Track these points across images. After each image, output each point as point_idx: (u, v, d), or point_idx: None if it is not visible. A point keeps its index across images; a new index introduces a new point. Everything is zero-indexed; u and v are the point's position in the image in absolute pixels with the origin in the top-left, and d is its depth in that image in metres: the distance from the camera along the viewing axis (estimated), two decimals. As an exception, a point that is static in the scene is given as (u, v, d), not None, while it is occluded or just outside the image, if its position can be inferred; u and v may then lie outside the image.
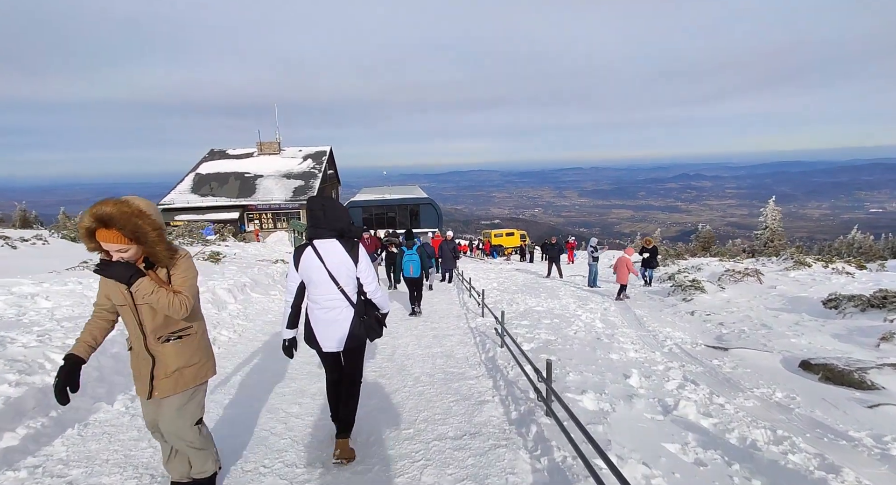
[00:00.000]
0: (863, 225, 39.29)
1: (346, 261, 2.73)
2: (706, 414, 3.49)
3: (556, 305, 8.86)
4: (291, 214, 34.11)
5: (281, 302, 8.37)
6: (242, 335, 5.82)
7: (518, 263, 24.25)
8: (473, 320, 7.02)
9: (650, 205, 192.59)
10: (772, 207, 31.40)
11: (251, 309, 7.33)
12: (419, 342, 5.79)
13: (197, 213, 32.11)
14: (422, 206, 35.74)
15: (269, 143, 40.16)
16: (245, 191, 34.09)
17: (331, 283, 2.72)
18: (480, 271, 17.40)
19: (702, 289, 9.86)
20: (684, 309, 8.91)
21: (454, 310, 8.17)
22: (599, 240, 14.20)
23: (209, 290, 7.25)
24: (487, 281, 14.33)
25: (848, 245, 33.79)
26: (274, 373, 4.51)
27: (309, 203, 2.76)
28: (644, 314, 8.73)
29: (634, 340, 6.28)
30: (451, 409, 3.56)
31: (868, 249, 32.53)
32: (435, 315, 7.70)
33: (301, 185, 35.05)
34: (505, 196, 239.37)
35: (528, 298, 9.86)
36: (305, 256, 2.73)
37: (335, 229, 2.74)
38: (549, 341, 5.50)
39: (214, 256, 10.63)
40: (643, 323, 7.85)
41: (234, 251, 15.21)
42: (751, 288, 10.12)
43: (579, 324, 6.88)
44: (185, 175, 35.86)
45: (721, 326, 7.34)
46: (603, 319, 7.84)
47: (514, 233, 37.05)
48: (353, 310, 2.78)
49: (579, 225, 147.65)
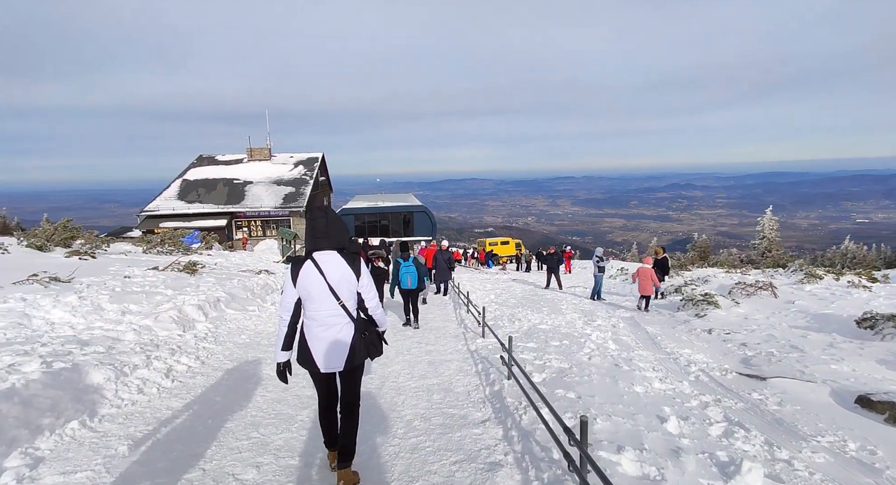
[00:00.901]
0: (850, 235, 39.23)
1: (347, 274, 2.61)
2: (776, 479, 2.76)
3: (561, 322, 8.13)
4: (281, 222, 33.24)
5: (259, 319, 7.62)
6: (206, 362, 5.00)
7: (514, 273, 23.56)
8: (473, 342, 6.27)
9: (642, 214, 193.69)
10: (769, 217, 31.10)
11: (223, 328, 6.50)
12: (412, 370, 5.02)
13: (183, 220, 31.09)
14: (415, 213, 34.98)
15: (259, 149, 39.33)
16: (233, 197, 33.16)
17: (331, 298, 2.58)
18: (476, 282, 16.66)
19: (715, 304, 9.20)
20: (699, 326, 8.23)
21: (451, 328, 7.41)
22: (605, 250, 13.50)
23: (175, 307, 6.42)
24: (484, 293, 13.60)
25: (842, 255, 33.63)
26: (233, 415, 3.71)
27: (311, 213, 2.61)
28: (657, 332, 8.03)
29: (655, 366, 5.56)
30: (454, 477, 2.79)
31: (862, 260, 32.37)
32: (430, 334, 6.94)
33: (292, 192, 34.21)
34: (498, 204, 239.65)
35: (529, 314, 9.12)
36: (305, 270, 2.56)
37: (337, 242, 2.62)
38: (563, 371, 4.76)
39: (190, 267, 9.78)
40: (658, 343, 7.14)
41: (217, 261, 14.34)
42: (766, 303, 9.49)
43: (591, 346, 6.15)
44: (172, 181, 34.88)
45: (745, 348, 6.65)
46: (615, 338, 7.12)
47: (508, 241, 36.43)
48: (354, 326, 2.64)
49: (572, 233, 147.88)
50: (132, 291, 7.36)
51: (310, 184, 34.55)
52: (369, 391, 4.25)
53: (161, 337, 5.37)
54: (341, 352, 2.60)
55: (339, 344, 2.59)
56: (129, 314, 6.00)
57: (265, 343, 6.05)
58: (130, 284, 7.80)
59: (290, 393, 4.17)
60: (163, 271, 9.72)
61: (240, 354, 5.46)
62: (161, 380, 4.14)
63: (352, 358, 2.62)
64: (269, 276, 11.52)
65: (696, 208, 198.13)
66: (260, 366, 4.97)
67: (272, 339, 6.31)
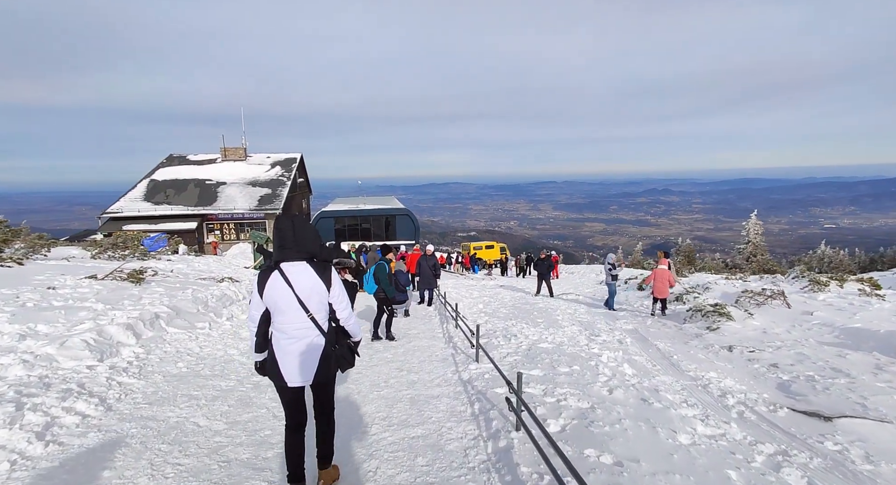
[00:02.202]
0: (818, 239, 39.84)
1: (317, 286, 2.51)
2: None
3: (563, 338, 7.12)
4: (257, 225, 31.56)
5: (208, 340, 6.28)
6: (114, 408, 3.72)
7: (501, 279, 22.60)
8: (465, 368, 5.19)
9: (621, 218, 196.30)
10: (754, 222, 31.05)
11: (157, 353, 5.25)
12: (390, 412, 3.91)
13: (149, 222, 29.20)
14: (398, 217, 33.70)
15: (233, 148, 37.52)
16: (205, 199, 31.35)
17: (300, 310, 2.48)
18: (462, 289, 15.61)
19: (728, 315, 8.36)
20: (715, 342, 7.34)
21: (437, 348, 6.31)
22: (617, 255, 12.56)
23: (97, 327, 5.15)
24: (471, 301, 12.56)
25: (819, 259, 33.97)
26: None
27: (277, 222, 2.50)
28: (670, 349, 7.10)
29: (686, 398, 4.59)
30: None
31: (839, 264, 32.72)
32: (413, 356, 5.82)
33: (268, 193, 32.61)
34: (481, 208, 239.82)
35: (525, 327, 8.10)
36: (272, 282, 2.47)
37: (306, 251, 2.51)
38: (584, 414, 3.72)
39: (136, 275, 8.42)
40: (677, 364, 6.20)
41: (177, 267, 12.89)
42: (781, 314, 8.70)
43: (605, 371, 5.15)
44: (139, 181, 32.86)
45: (776, 370, 5.77)
46: (628, 359, 6.14)
47: (493, 245, 35.52)
48: (325, 339, 2.55)
49: (554, 238, 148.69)
50: (50, 306, 6.03)
51: (287, 185, 33.01)
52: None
53: (62, 371, 4.11)
54: (310, 366, 2.50)
55: (307, 357, 2.50)
56: (31, 339, 4.71)
57: (207, 373, 4.84)
58: (52, 298, 6.46)
59: (220, 456, 3.02)
60: (102, 280, 8.35)
61: (167, 391, 4.23)
62: (26, 445, 2.88)
63: (321, 372, 2.53)
64: (232, 284, 10.22)
65: (674, 213, 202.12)
66: (194, 409, 3.78)
67: (219, 367, 5.10)
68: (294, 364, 2.46)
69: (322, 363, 2.51)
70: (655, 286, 10.18)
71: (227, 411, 3.76)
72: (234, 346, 5.94)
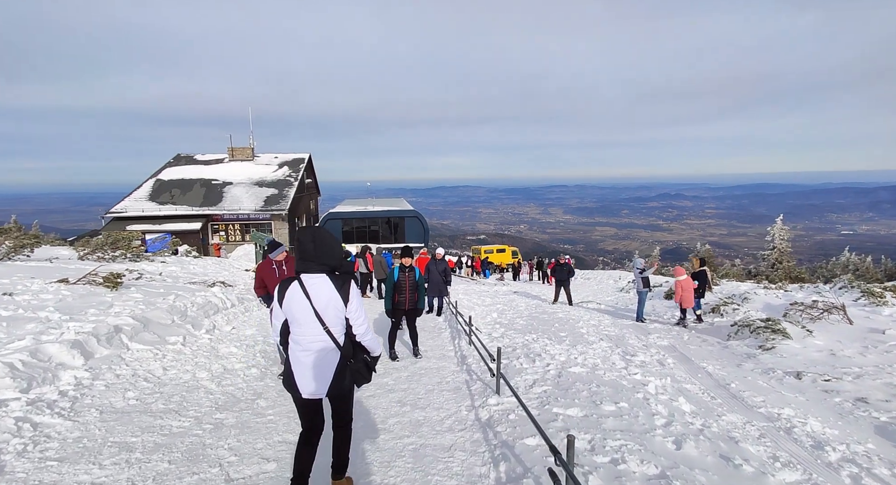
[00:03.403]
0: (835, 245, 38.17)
1: (334, 299, 2.49)
2: None
3: (595, 359, 6.05)
4: (262, 226, 30.87)
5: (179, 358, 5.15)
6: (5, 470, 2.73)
7: (514, 284, 21.50)
8: (484, 402, 4.16)
9: (633, 223, 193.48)
10: (779, 227, 29.56)
11: (107, 377, 4.29)
12: (385, 476, 2.89)
13: (153, 222, 28.67)
14: (407, 219, 32.77)
15: (241, 148, 36.97)
16: (210, 199, 30.75)
17: (316, 322, 2.47)
18: (474, 295, 14.57)
19: (783, 332, 7.21)
20: (775, 365, 6.21)
21: (449, 372, 5.28)
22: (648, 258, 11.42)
23: (31, 347, 4.21)
24: (484, 309, 11.53)
25: (843, 267, 32.30)
26: None
27: (299, 234, 2.51)
28: (723, 374, 5.98)
29: (774, 452, 3.51)
30: None
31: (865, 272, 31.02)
32: (419, 384, 4.81)
33: (274, 194, 31.92)
34: (491, 212, 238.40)
35: (549, 344, 7.03)
36: (291, 292, 2.49)
37: (326, 265, 2.50)
38: (651, 481, 2.67)
39: (113, 279, 7.55)
40: (739, 396, 5.09)
41: (171, 268, 12.05)
42: (843, 332, 7.52)
43: (659, 409, 4.09)
44: (145, 181, 32.42)
45: (867, 407, 4.64)
46: (677, 387, 5.06)
47: (505, 249, 34.47)
48: (340, 353, 2.52)
49: (564, 242, 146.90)
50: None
51: (294, 186, 32.30)
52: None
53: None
54: (324, 378, 2.48)
55: (322, 370, 2.47)
56: (-53, 360, 3.79)
57: (161, 406, 3.86)
58: (2, 306, 5.58)
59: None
60: (73, 285, 7.48)
61: (96, 437, 3.22)
62: None
63: (335, 386, 2.49)
64: (223, 290, 9.31)
65: (686, 218, 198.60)
66: (120, 468, 2.78)
67: (179, 397, 4.12)
68: (308, 376, 2.45)
69: (337, 377, 2.48)
70: (683, 297, 9.20)
71: (164, 473, 2.78)
72: (207, 366, 4.98)
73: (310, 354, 2.44)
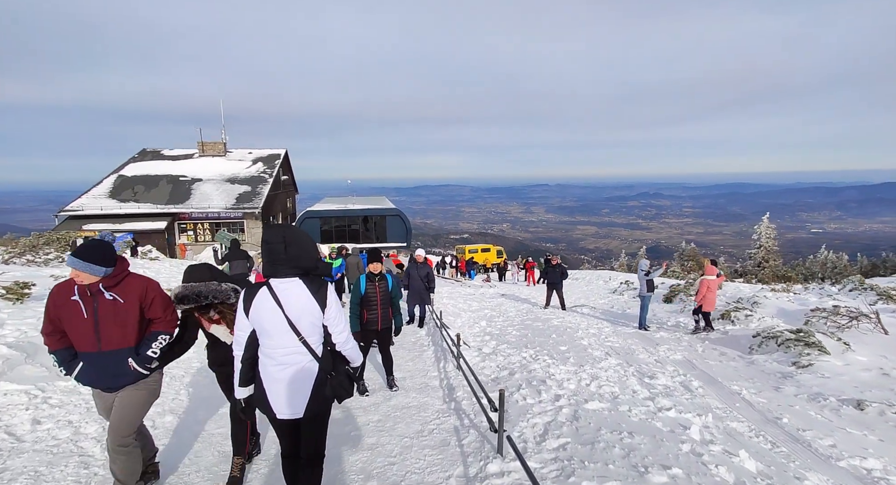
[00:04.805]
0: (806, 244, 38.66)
1: (310, 306, 2.20)
2: None
3: (612, 386, 4.97)
4: (234, 225, 29.05)
5: (65, 404, 3.78)
6: None
7: (500, 285, 20.44)
8: (481, 471, 3.01)
9: (613, 222, 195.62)
10: (766, 225, 29.41)
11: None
12: None
13: (113, 221, 26.55)
14: (388, 218, 31.35)
15: (212, 143, 34.95)
16: (177, 196, 28.79)
17: (290, 333, 2.17)
18: (459, 299, 13.43)
19: (820, 347, 6.27)
20: (821, 389, 5.25)
21: (432, 414, 4.10)
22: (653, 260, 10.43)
23: None
24: (471, 316, 10.41)
25: (821, 264, 32.42)
26: None
27: (266, 234, 2.17)
28: (764, 403, 4.98)
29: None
30: None
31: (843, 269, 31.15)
32: (392, 433, 3.63)
33: (247, 191, 30.13)
34: (474, 211, 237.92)
35: (550, 364, 5.93)
36: (259, 300, 2.18)
37: (299, 267, 2.20)
38: None
39: (17, 290, 6.10)
40: (799, 437, 4.07)
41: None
42: (882, 343, 6.65)
43: (719, 471, 3.02)
44: (105, 177, 30.19)
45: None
46: (722, 427, 4.00)
47: (490, 248, 33.43)
48: (318, 365, 2.23)
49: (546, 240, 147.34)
50: None
51: (269, 183, 30.59)
52: None
53: None
54: (301, 395, 2.19)
55: (298, 386, 2.19)
56: None
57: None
58: None
59: None
60: (-34, 298, 6.01)
61: None
62: None
63: (314, 403, 2.21)
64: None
65: (665, 217, 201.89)
66: None
67: (33, 473, 2.82)
68: (282, 394, 2.17)
69: (315, 393, 2.20)
70: (706, 299, 8.29)
71: None
72: (101, 420, 3.59)
73: (284, 368, 2.18)
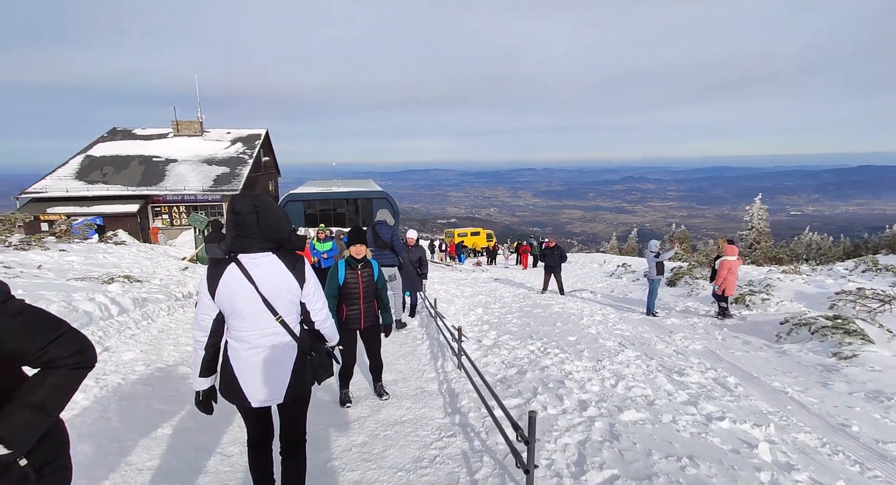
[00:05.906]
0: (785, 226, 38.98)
1: (288, 282, 1.95)
2: None
3: (643, 387, 4.23)
4: (213, 208, 27.54)
5: None
6: None
7: (493, 269, 19.71)
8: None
9: (599, 205, 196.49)
10: (758, 206, 29.09)
11: None
12: None
13: (80, 204, 24.86)
14: (375, 200, 30.23)
15: (187, 122, 33.00)
16: (150, 178, 27.12)
17: (266, 313, 1.92)
18: (451, 284, 12.64)
19: (863, 335, 5.62)
20: (877, 385, 4.59)
21: (431, 432, 3.29)
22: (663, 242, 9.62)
23: None
24: (466, 302, 9.65)
25: (806, 246, 32.53)
26: None
27: (234, 204, 1.88)
28: (812, 401, 4.30)
29: None
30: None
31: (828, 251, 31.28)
32: (381, 462, 2.82)
33: (225, 172, 28.55)
34: (461, 195, 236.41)
35: (563, 358, 5.17)
36: (227, 278, 1.88)
37: (271, 240, 1.93)
38: None
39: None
40: (883, 454, 3.37)
41: (70, 258, 9.37)
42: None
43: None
44: (72, 157, 28.24)
45: None
46: (791, 441, 3.28)
47: (479, 232, 32.63)
48: (297, 345, 2.01)
49: (533, 224, 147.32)
50: None
51: (248, 164, 29.04)
52: None
53: None
54: (280, 380, 1.96)
55: (276, 370, 1.95)
56: None
57: None
58: None
59: None
60: None
61: None
62: None
63: (295, 386, 1.98)
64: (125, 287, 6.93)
65: (650, 201, 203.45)
66: None
67: None
68: (258, 379, 1.93)
69: (295, 375, 1.98)
70: (727, 282, 7.62)
71: None
72: None
73: (260, 352, 1.92)
